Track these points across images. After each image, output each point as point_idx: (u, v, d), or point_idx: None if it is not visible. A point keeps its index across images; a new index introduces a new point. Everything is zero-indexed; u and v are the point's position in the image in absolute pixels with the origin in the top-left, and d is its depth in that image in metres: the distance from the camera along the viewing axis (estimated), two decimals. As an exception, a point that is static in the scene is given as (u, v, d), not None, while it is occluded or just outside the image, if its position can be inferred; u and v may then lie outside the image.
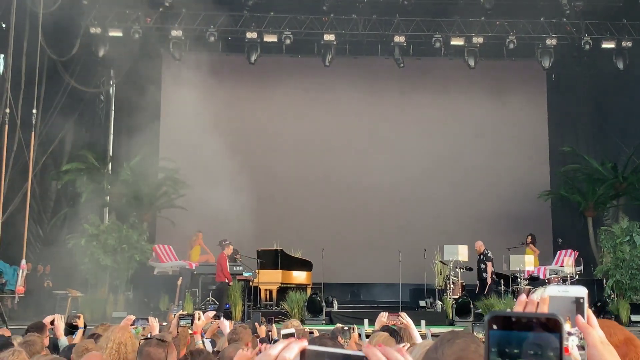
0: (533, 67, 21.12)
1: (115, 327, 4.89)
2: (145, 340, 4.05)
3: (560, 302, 1.43)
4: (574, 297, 1.44)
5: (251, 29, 19.61)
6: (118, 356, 4.41)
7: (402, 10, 19.36)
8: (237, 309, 15.17)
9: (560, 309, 1.42)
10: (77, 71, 19.25)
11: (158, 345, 3.89)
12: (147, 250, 17.45)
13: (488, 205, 21.07)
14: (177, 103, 21.43)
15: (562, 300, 1.43)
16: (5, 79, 16.36)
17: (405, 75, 20.99)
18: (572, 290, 1.45)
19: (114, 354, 4.44)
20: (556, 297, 1.43)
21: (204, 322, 5.09)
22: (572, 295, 1.44)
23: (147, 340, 4.05)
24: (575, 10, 19.16)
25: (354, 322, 11.33)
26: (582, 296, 1.44)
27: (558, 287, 1.44)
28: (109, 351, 4.44)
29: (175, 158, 20.20)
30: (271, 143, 21.16)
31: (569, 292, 1.45)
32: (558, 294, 1.44)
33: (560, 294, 1.44)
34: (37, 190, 19.16)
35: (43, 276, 18.53)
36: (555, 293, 1.44)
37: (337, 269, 18.93)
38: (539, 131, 22.01)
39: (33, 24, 16.59)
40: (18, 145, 16.69)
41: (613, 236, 16.29)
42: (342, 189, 21.17)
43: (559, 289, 1.44)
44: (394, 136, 21.62)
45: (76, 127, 20.60)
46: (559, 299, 1.43)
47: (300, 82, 21.91)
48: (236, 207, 18.83)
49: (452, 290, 15.81)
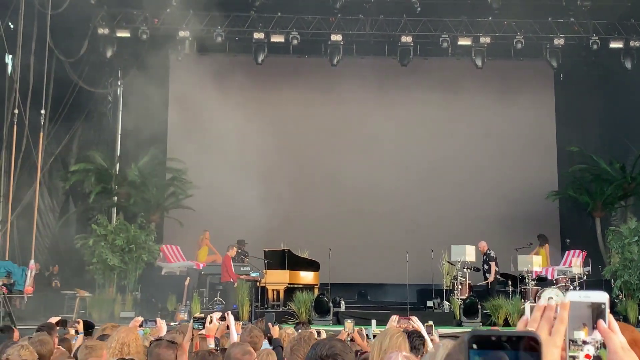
0: (540, 67, 21.06)
1: (122, 327, 4.91)
2: (156, 342, 4.06)
3: (581, 307, 1.42)
4: (595, 303, 1.42)
5: (258, 30, 19.62)
6: (121, 356, 4.45)
7: (409, 11, 19.34)
8: (245, 309, 15.20)
9: (581, 315, 1.41)
10: (85, 72, 19.30)
11: (168, 347, 3.90)
12: (154, 251, 17.49)
13: (495, 206, 21.03)
14: (184, 103, 21.46)
15: (583, 306, 1.42)
16: (13, 79, 16.43)
17: (413, 75, 20.96)
18: (593, 296, 1.43)
19: (117, 353, 4.50)
20: (577, 303, 1.42)
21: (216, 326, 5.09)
22: (593, 301, 1.43)
23: (157, 342, 4.07)
24: (583, 10, 19.10)
25: (362, 322, 11.32)
26: (603, 302, 1.42)
27: (579, 292, 1.43)
28: (112, 350, 4.49)
29: (182, 159, 20.25)
30: (278, 143, 21.15)
31: (590, 297, 1.43)
32: (579, 299, 1.42)
33: (581, 299, 1.42)
34: (45, 191, 19.25)
35: (51, 276, 18.60)
36: (577, 298, 1.42)
37: (344, 269, 18.93)
38: (547, 131, 21.95)
39: (41, 25, 16.66)
40: (26, 145, 16.77)
41: (621, 236, 16.23)
42: (349, 189, 21.15)
43: (580, 294, 1.43)
44: (401, 136, 21.60)
45: (84, 127, 20.67)
46: (580, 304, 1.42)
47: (307, 83, 21.91)
48: (243, 208, 18.88)
49: (459, 291, 15.79)
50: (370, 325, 11.77)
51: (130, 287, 16.92)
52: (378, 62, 21.53)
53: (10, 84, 16.67)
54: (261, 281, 16.20)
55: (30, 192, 17.38)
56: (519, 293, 15.98)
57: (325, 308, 15.04)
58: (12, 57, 16.73)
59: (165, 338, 4.20)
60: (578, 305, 1.41)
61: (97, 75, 20.19)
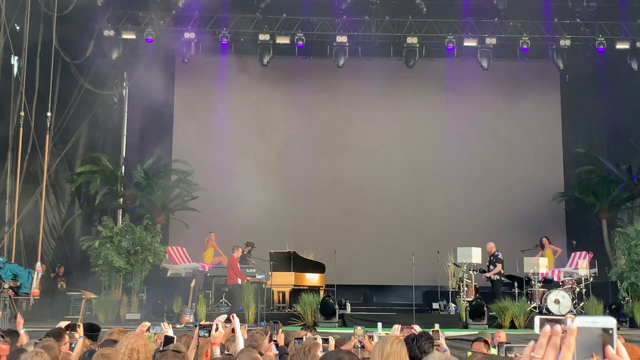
0: (547, 68, 21.01)
1: (131, 333, 4.91)
2: (161, 352, 4.05)
3: (588, 333, 1.40)
4: (603, 328, 1.41)
5: (264, 31, 19.62)
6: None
7: (414, 12, 19.33)
8: (250, 311, 15.19)
9: (588, 340, 1.39)
10: (91, 74, 19.32)
11: (174, 357, 3.89)
12: (160, 252, 17.49)
13: (501, 207, 20.99)
14: (190, 105, 21.49)
15: (590, 332, 1.40)
16: (19, 81, 16.47)
17: (418, 76, 20.94)
18: (601, 321, 1.41)
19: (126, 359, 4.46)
20: (584, 329, 1.40)
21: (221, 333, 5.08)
22: (601, 326, 1.41)
23: (162, 352, 4.05)
24: (589, 11, 19.05)
25: (367, 325, 11.30)
26: (611, 327, 1.41)
27: (586, 317, 1.41)
28: (122, 357, 4.47)
29: (188, 160, 20.27)
30: (284, 145, 21.16)
31: (598, 322, 1.41)
32: (586, 324, 1.40)
33: (589, 324, 1.41)
34: (51, 193, 19.27)
35: (57, 278, 18.63)
36: (584, 324, 1.40)
37: (350, 271, 18.92)
38: (553, 133, 21.88)
39: (47, 27, 16.70)
40: (32, 147, 16.81)
41: (628, 238, 16.18)
42: (354, 191, 21.14)
43: (587, 320, 1.41)
44: (407, 138, 21.57)
45: (90, 129, 20.71)
46: (587, 330, 1.40)
47: (313, 84, 21.88)
48: (249, 209, 18.87)
49: (465, 293, 15.75)
50: (376, 328, 11.77)
51: (136, 288, 16.93)
52: (383, 64, 21.49)
53: (16, 86, 16.70)
54: (267, 283, 16.20)
55: (36, 193, 17.42)
56: (525, 295, 15.95)
57: (331, 310, 15.01)
58: (18, 58, 16.76)
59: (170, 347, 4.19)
60: (585, 331, 1.39)
61: (102, 77, 20.21)
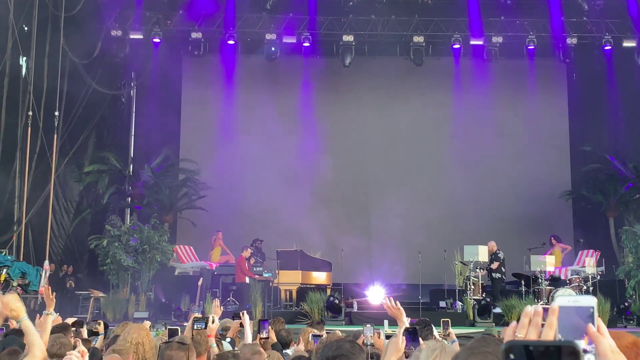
0: (553, 66, 20.99)
1: (131, 326, 4.90)
2: (166, 344, 4.08)
3: (570, 312, 1.42)
4: (584, 307, 1.43)
5: (270, 30, 19.66)
6: (137, 357, 4.42)
7: (421, 10, 19.33)
8: (258, 309, 15.23)
9: (570, 320, 1.41)
10: (99, 73, 19.39)
11: (179, 349, 3.92)
12: (168, 251, 17.56)
13: (508, 206, 20.95)
14: (197, 104, 21.54)
15: (572, 311, 1.42)
16: (27, 81, 16.54)
17: (424, 75, 20.94)
18: (582, 300, 1.44)
19: (133, 354, 4.43)
20: (565, 308, 1.42)
21: (217, 325, 5.11)
22: (582, 305, 1.43)
23: (167, 344, 4.09)
24: (596, 9, 19.02)
25: (374, 323, 11.32)
26: (591, 306, 1.43)
27: (567, 297, 1.43)
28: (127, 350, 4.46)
29: (195, 159, 20.34)
30: (289, 144, 21.17)
31: (579, 302, 1.43)
32: (567, 304, 1.42)
33: (570, 304, 1.43)
34: (59, 192, 19.36)
35: (65, 277, 18.72)
36: (565, 303, 1.42)
37: (356, 269, 18.92)
38: (560, 131, 21.84)
39: (55, 27, 16.77)
40: (41, 147, 16.88)
41: (635, 236, 16.15)
42: (361, 190, 21.16)
43: (568, 299, 1.43)
44: (413, 136, 21.56)
45: (98, 129, 20.78)
46: (569, 309, 1.42)
47: (319, 83, 21.89)
48: (255, 208, 18.91)
49: (472, 291, 15.74)
50: (382, 326, 11.79)
51: (144, 287, 17.01)
52: (390, 62, 21.50)
53: (24, 86, 16.77)
54: (274, 281, 16.26)
55: (44, 193, 17.50)
56: (532, 293, 15.92)
57: (337, 308, 15.05)
58: (26, 59, 16.83)
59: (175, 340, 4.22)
60: (567, 310, 1.41)
61: (110, 77, 20.30)
